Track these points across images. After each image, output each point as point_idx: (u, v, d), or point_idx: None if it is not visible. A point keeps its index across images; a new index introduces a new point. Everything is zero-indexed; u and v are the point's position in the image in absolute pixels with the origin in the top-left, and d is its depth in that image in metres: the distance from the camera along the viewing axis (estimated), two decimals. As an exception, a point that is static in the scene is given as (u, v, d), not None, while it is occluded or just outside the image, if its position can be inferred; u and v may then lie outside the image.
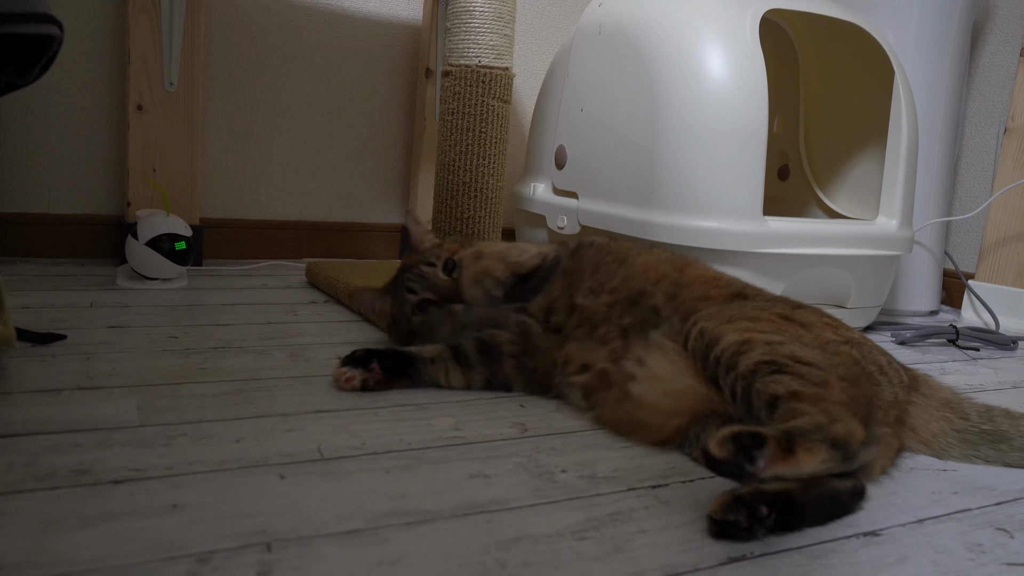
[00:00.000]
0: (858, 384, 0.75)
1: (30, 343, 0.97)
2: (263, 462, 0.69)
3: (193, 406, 0.81)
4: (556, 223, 1.53)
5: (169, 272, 1.36)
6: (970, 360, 1.33)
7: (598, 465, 0.74)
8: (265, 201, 1.75)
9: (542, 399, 0.92)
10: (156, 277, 1.36)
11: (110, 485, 0.62)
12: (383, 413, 0.83)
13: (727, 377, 0.74)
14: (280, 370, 0.95)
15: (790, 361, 0.71)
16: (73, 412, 0.76)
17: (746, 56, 1.27)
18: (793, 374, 0.70)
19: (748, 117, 1.26)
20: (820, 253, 1.32)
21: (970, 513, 0.71)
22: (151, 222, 1.36)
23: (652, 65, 1.32)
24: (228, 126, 1.69)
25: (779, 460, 0.60)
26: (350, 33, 1.77)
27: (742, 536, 0.61)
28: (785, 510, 0.62)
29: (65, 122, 1.54)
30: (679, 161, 1.28)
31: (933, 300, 1.76)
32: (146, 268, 1.35)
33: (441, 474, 0.69)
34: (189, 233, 1.38)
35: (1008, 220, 1.71)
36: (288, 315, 1.23)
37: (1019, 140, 1.70)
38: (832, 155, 1.73)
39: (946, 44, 1.68)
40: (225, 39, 1.66)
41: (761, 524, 0.61)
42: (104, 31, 1.54)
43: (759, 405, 0.69)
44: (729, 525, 0.61)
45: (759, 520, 0.61)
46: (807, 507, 0.64)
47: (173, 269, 1.36)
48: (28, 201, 1.54)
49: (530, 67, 1.99)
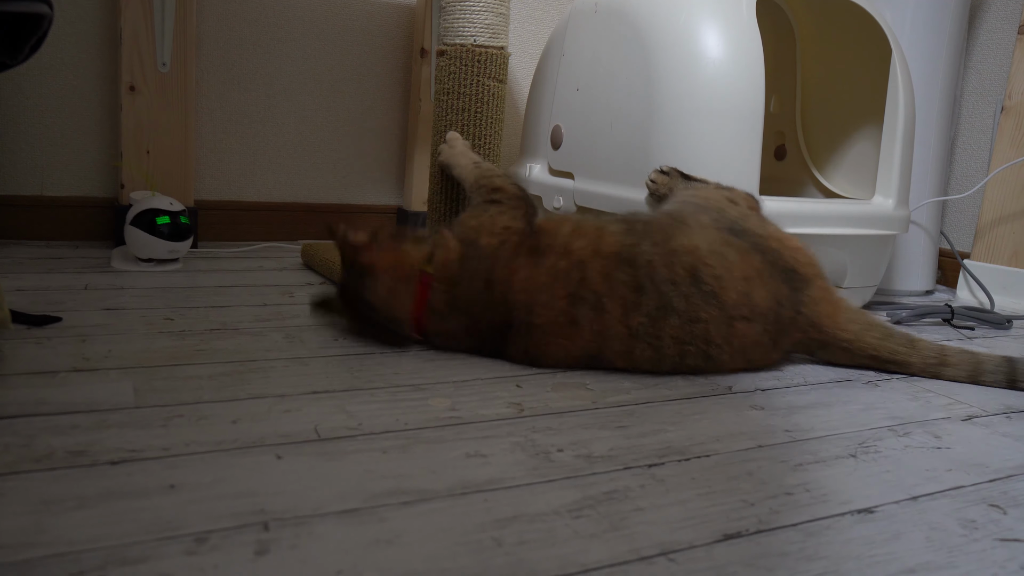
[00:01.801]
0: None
1: (25, 325, 0.97)
2: (260, 442, 0.69)
3: (189, 387, 0.81)
4: (552, 204, 1.52)
5: (159, 250, 1.34)
6: (965, 339, 1.33)
7: (594, 444, 0.74)
8: (260, 182, 1.74)
9: (539, 379, 0.92)
10: (149, 258, 1.35)
11: (107, 466, 0.62)
12: (380, 394, 0.83)
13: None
14: (276, 351, 0.95)
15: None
16: (69, 394, 0.76)
17: (743, 34, 1.26)
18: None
19: (745, 96, 1.25)
20: (816, 232, 1.32)
21: (964, 490, 0.71)
22: (138, 202, 1.35)
23: (648, 44, 1.31)
24: (222, 107, 1.68)
25: None
26: (345, 12, 1.75)
27: None
28: None
29: (57, 104, 1.53)
30: (676, 140, 1.27)
31: (929, 280, 1.76)
32: (136, 248, 1.34)
33: (438, 454, 0.70)
34: (178, 208, 1.36)
35: (1004, 199, 1.71)
36: (284, 297, 1.23)
37: (1016, 118, 1.69)
38: (829, 135, 1.72)
39: (943, 22, 1.67)
40: (218, 18, 1.64)
41: None
42: (95, 10, 1.53)
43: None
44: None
45: None
46: None
47: (162, 246, 1.33)
48: (21, 183, 1.53)
49: (526, 46, 1.97)
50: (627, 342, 0.95)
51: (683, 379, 0.97)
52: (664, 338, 0.95)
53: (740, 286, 0.97)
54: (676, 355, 0.96)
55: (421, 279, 0.98)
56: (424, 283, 0.98)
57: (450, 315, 0.98)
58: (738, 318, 0.97)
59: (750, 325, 0.98)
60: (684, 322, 0.95)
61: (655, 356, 0.96)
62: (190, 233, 1.37)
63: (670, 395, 0.91)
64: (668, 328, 0.95)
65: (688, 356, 0.96)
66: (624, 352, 0.95)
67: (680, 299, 0.95)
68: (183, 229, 1.35)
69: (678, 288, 0.95)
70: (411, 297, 0.98)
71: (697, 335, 0.96)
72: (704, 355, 0.97)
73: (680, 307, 0.95)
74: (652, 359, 0.96)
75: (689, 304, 0.95)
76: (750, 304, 0.97)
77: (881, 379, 1.04)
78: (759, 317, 0.98)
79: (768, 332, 0.99)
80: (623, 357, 0.96)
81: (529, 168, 1.61)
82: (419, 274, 0.99)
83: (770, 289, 0.99)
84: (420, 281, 0.98)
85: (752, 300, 0.97)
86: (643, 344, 0.95)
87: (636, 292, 0.94)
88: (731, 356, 0.98)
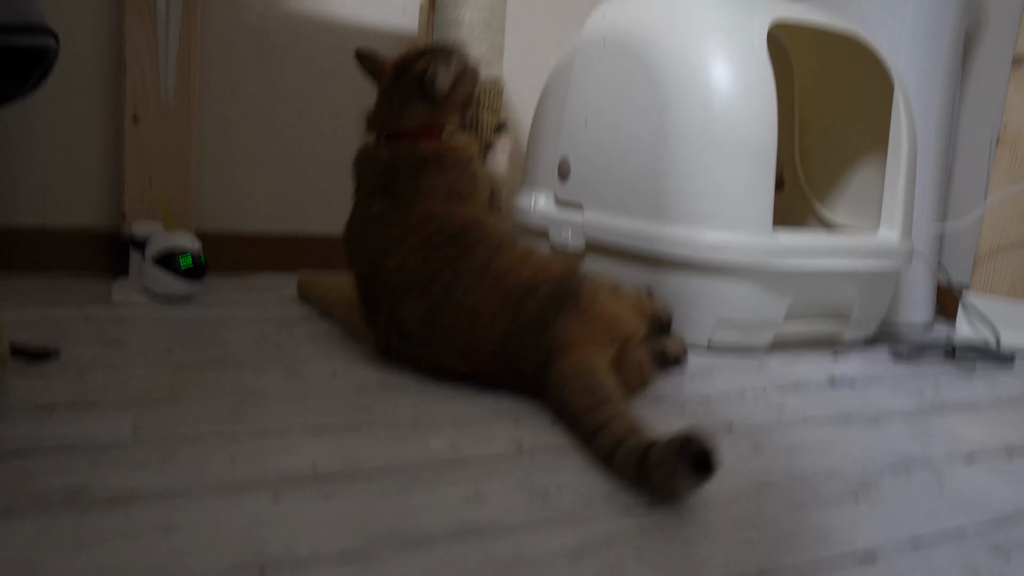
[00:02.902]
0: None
1: (24, 359, 0.97)
2: (258, 481, 0.68)
3: (188, 423, 0.80)
4: (560, 235, 1.52)
5: (180, 289, 1.35)
6: (966, 375, 1.33)
7: (593, 484, 0.74)
8: (262, 213, 1.74)
9: (538, 416, 0.92)
10: (167, 295, 1.36)
11: (103, 505, 0.62)
12: (379, 431, 0.83)
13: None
14: (276, 386, 0.95)
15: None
16: (67, 430, 0.76)
17: (754, 68, 1.27)
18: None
19: (757, 129, 1.26)
20: (827, 264, 1.33)
21: (966, 531, 0.71)
22: (157, 238, 1.35)
23: (659, 77, 1.32)
24: (224, 137, 1.69)
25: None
26: (348, 42, 1.77)
27: None
28: None
29: (60, 134, 1.54)
30: (688, 173, 1.28)
31: (928, 311, 1.76)
32: (156, 285, 1.34)
33: (437, 494, 0.69)
34: (197, 247, 1.36)
35: (1002, 230, 1.72)
36: (284, 329, 1.23)
37: (1012, 149, 1.70)
38: (827, 166, 1.73)
39: (938, 54, 1.69)
40: (221, 49, 1.66)
41: None
42: (100, 42, 1.54)
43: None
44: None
45: None
46: None
47: (183, 286, 1.34)
48: (23, 214, 1.53)
49: (523, 77, 1.99)
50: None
51: (681, 417, 0.97)
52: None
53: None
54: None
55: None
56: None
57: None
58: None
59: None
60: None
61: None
62: (206, 271, 1.38)
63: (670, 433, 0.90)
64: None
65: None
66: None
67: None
68: (202, 268, 1.36)
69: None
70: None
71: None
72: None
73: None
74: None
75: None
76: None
77: (882, 416, 1.04)
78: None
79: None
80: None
81: (534, 199, 1.62)
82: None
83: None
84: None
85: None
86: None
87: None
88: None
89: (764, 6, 1.36)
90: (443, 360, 1.00)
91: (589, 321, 0.96)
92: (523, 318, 0.95)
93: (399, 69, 1.12)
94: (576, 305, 0.96)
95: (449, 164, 1.08)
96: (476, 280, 0.98)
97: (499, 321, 0.96)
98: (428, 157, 1.07)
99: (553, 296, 0.96)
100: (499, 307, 0.96)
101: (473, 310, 0.97)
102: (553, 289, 0.97)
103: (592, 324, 0.96)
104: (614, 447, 0.76)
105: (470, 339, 0.97)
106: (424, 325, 1.00)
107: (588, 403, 0.84)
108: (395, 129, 1.10)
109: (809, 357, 1.34)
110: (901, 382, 1.23)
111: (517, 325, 0.95)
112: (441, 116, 1.11)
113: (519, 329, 0.95)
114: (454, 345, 0.98)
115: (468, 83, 1.12)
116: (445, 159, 1.08)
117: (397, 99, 1.11)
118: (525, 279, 0.98)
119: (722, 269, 1.27)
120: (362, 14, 1.77)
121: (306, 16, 1.72)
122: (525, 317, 0.95)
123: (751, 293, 1.28)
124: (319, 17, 1.73)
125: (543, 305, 0.96)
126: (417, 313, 1.00)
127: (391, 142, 1.10)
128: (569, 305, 0.96)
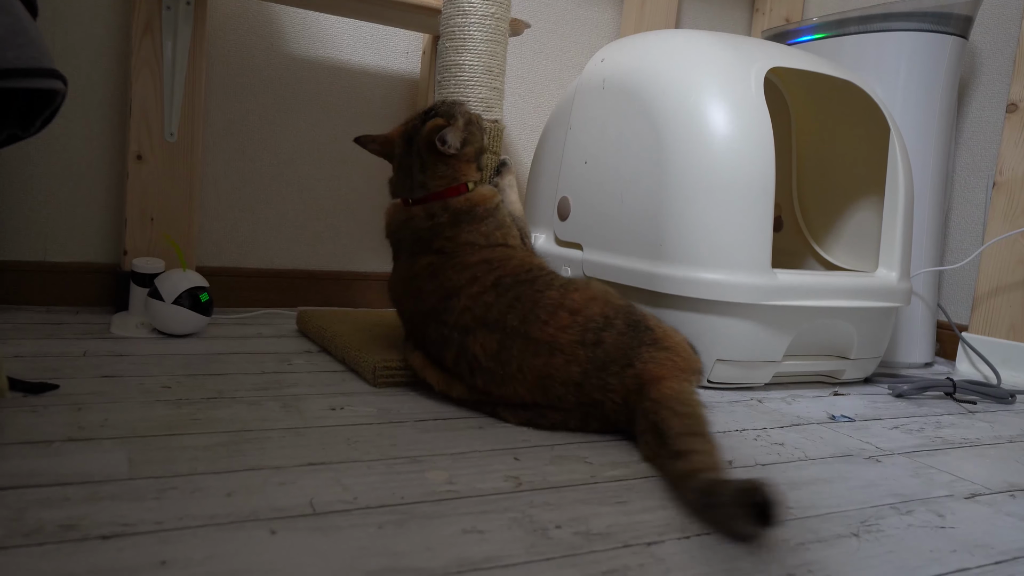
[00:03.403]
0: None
1: (22, 393, 0.96)
2: (254, 517, 0.68)
3: (184, 458, 0.80)
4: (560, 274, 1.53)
5: (199, 325, 1.38)
6: (967, 414, 1.32)
7: (592, 521, 0.73)
8: (261, 250, 1.75)
9: (537, 451, 0.92)
10: (185, 334, 1.38)
11: (98, 541, 0.61)
12: (376, 465, 0.83)
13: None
14: (273, 421, 0.94)
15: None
16: (62, 464, 0.76)
17: (752, 111, 1.29)
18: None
19: (755, 171, 1.28)
20: (827, 305, 1.33)
21: (969, 572, 0.70)
22: (170, 279, 1.36)
23: (658, 120, 1.34)
24: (226, 175, 1.71)
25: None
26: (349, 85, 1.80)
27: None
28: None
29: (64, 171, 1.56)
30: (687, 214, 1.29)
31: (928, 352, 1.76)
32: (175, 325, 1.35)
33: (434, 530, 0.69)
34: (206, 283, 1.40)
35: (1000, 272, 1.73)
36: (282, 364, 1.23)
37: (1008, 193, 1.72)
38: (825, 207, 1.75)
39: (934, 100, 1.72)
40: (225, 90, 1.68)
41: None
42: (106, 82, 1.57)
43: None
44: None
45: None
46: None
47: (201, 321, 1.38)
48: (24, 249, 1.54)
49: (524, 119, 2.02)
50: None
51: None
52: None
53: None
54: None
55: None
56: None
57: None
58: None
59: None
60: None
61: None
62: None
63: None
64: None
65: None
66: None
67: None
68: (212, 304, 1.41)
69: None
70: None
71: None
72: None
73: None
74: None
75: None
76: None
77: (882, 455, 1.03)
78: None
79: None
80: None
81: (534, 238, 1.63)
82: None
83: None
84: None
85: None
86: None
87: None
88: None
89: (761, 52, 1.39)
90: (516, 392, 1.01)
91: (671, 354, 0.99)
92: (604, 349, 0.98)
93: (408, 136, 1.16)
94: (653, 338, 1.00)
95: (481, 215, 1.12)
96: (553, 314, 1.00)
97: (579, 352, 0.98)
98: (461, 211, 1.12)
99: (629, 328, 1.00)
100: (578, 338, 0.99)
101: (551, 343, 0.99)
102: (627, 322, 1.01)
103: (675, 357, 0.99)
104: (691, 473, 0.80)
105: (548, 370, 0.99)
106: (497, 360, 1.01)
107: (683, 429, 0.87)
108: (423, 193, 1.14)
109: (809, 395, 1.34)
110: (901, 420, 1.22)
111: (599, 357, 0.98)
112: (460, 172, 1.15)
113: (602, 361, 0.98)
114: (529, 377, 1.00)
115: (476, 135, 1.17)
116: (477, 210, 1.13)
117: (416, 165, 1.15)
118: (598, 313, 1.01)
119: (722, 308, 1.28)
120: (365, 57, 1.81)
121: (310, 59, 1.75)
122: (606, 349, 0.98)
123: (750, 332, 1.29)
124: (322, 60, 1.76)
125: (622, 336, 0.99)
126: (490, 348, 1.01)
127: (423, 204, 1.14)
128: (646, 337, 0.99)
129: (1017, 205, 1.70)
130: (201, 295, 1.37)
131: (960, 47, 1.72)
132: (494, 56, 1.32)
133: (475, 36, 1.30)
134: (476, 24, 1.29)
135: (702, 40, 1.39)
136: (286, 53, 1.73)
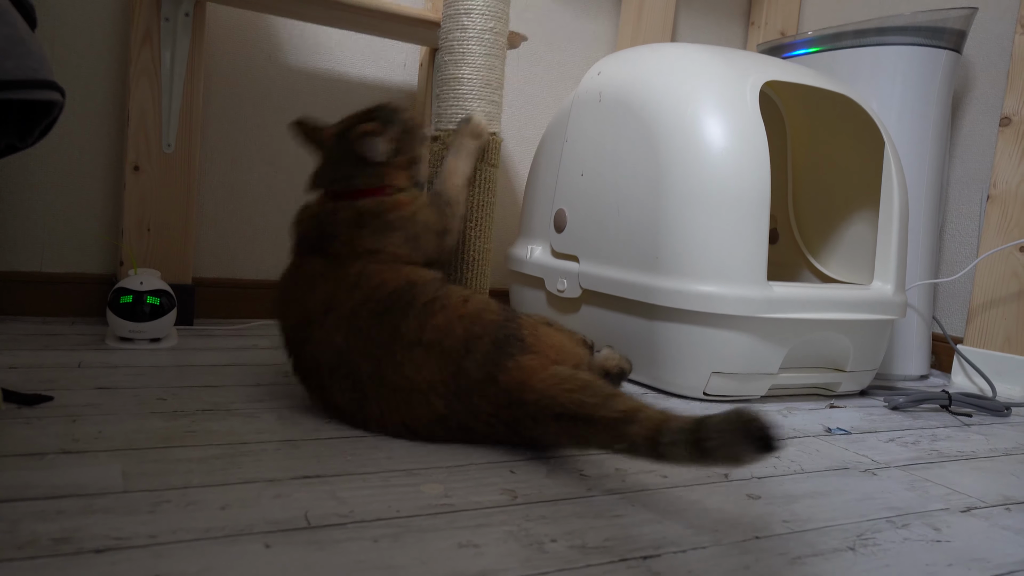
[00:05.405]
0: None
1: (16, 405, 0.96)
2: (249, 530, 0.67)
3: (179, 471, 0.80)
4: (556, 286, 1.53)
5: (121, 329, 1.35)
6: (962, 426, 1.32)
7: (588, 534, 0.73)
8: (258, 260, 1.75)
9: (534, 465, 0.91)
10: (124, 337, 1.37)
11: (92, 554, 0.61)
12: (372, 479, 0.82)
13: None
14: (268, 433, 0.94)
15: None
16: (57, 477, 0.75)
17: (747, 124, 1.30)
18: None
19: (750, 184, 1.28)
20: (822, 318, 1.33)
21: (965, 586, 0.70)
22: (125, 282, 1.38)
23: (654, 133, 1.35)
24: (223, 186, 1.71)
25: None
26: (346, 96, 1.80)
27: None
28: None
29: (61, 181, 1.56)
30: (683, 227, 1.29)
31: (923, 364, 1.77)
32: (114, 328, 1.37)
33: (429, 543, 0.68)
34: (153, 288, 1.37)
35: (994, 285, 1.73)
36: (278, 376, 1.23)
37: (1002, 206, 1.73)
38: (820, 220, 1.75)
39: (928, 113, 1.73)
40: (223, 101, 1.69)
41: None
42: (104, 93, 1.57)
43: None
44: None
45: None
46: None
47: (124, 326, 1.35)
48: (20, 259, 1.54)
49: (520, 131, 2.03)
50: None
51: (679, 466, 0.96)
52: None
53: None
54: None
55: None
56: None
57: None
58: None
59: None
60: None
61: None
62: (162, 312, 1.39)
63: (665, 483, 0.90)
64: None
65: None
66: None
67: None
68: (141, 306, 1.37)
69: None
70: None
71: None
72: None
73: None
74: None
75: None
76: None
77: (878, 468, 1.03)
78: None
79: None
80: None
81: (530, 250, 1.63)
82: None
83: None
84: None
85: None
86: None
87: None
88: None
89: (757, 65, 1.39)
90: (386, 427, 0.97)
91: (539, 354, 0.95)
92: (466, 378, 0.94)
93: (341, 133, 1.12)
94: (522, 346, 0.96)
95: (392, 223, 1.06)
96: (407, 352, 0.96)
97: (439, 387, 0.95)
98: (366, 213, 1.06)
99: (493, 350, 0.95)
100: (436, 376, 0.95)
101: (408, 387, 0.95)
102: (492, 343, 0.95)
103: (543, 355, 0.95)
104: (653, 435, 0.77)
105: (410, 412, 0.96)
106: (355, 405, 0.98)
107: (595, 400, 0.84)
108: (339, 189, 1.10)
109: (805, 407, 1.34)
110: (897, 433, 1.23)
111: (461, 385, 0.94)
112: (388, 177, 1.10)
113: (465, 388, 0.94)
114: (393, 419, 0.96)
115: (411, 144, 1.13)
116: (386, 215, 1.06)
117: (342, 161, 1.11)
118: (460, 340, 0.95)
119: (717, 321, 1.28)
120: (362, 69, 1.81)
121: (308, 71, 1.76)
122: (468, 377, 0.94)
123: (746, 344, 1.29)
124: (320, 72, 1.77)
125: (486, 356, 0.94)
126: (347, 394, 0.98)
127: (334, 201, 1.09)
128: (514, 349, 0.95)
129: (1011, 218, 1.71)
130: (123, 297, 1.34)
131: (954, 61, 1.73)
132: (492, 70, 1.32)
133: (474, 50, 1.30)
134: (475, 38, 1.30)
135: (698, 53, 1.40)
136: (284, 65, 1.73)
